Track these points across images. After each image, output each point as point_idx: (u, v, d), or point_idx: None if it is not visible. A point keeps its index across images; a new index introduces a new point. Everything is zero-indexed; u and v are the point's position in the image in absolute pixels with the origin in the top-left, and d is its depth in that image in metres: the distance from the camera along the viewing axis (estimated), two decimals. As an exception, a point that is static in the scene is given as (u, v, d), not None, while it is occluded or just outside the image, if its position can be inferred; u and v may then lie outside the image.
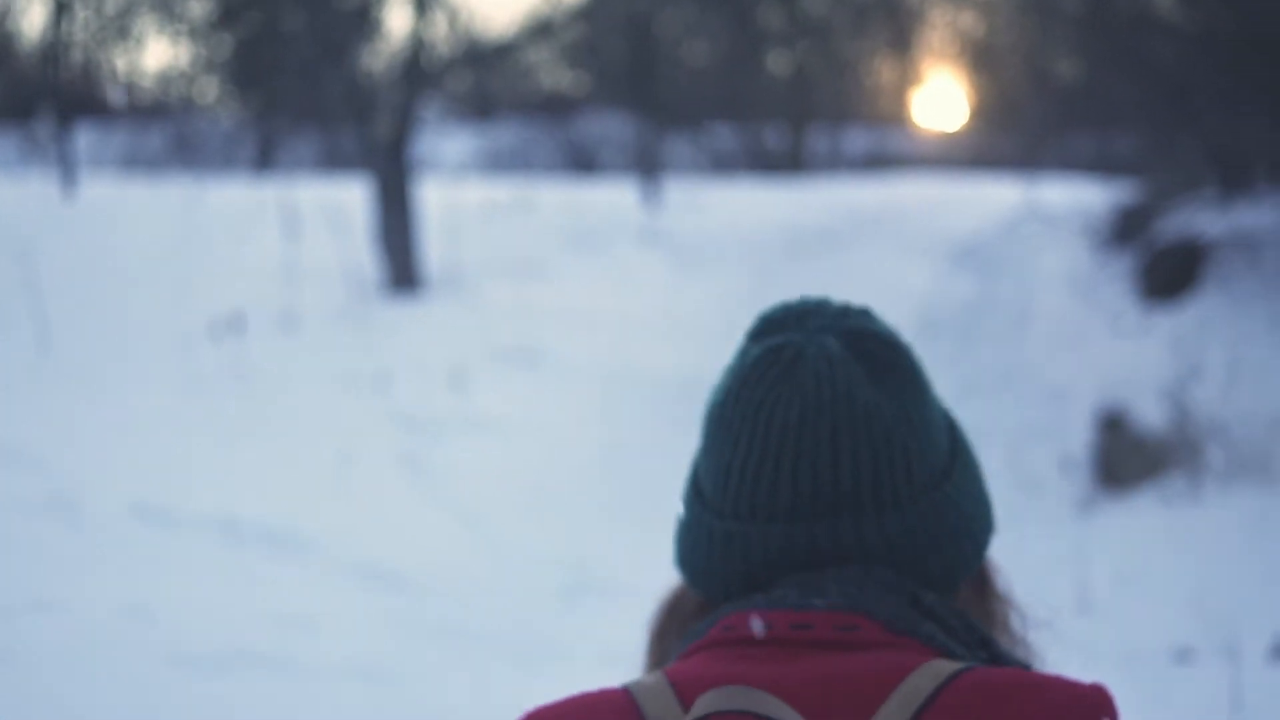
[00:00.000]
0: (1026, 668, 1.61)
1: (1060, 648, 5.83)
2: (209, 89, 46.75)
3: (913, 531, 1.58)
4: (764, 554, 1.58)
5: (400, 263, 14.80)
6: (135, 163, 34.30)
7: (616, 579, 8.33)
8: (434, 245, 15.57)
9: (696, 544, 1.66)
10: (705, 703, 1.44)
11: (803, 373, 1.59)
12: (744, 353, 1.67)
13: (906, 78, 56.96)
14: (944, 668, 1.47)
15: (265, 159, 37.83)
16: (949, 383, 14.53)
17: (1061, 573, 8.69)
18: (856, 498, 1.56)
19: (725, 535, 1.61)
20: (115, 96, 36.97)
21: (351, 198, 19.38)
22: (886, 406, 1.60)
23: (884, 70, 56.20)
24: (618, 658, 6.20)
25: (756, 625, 1.52)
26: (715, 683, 1.47)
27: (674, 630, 1.71)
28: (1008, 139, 46.48)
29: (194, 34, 43.61)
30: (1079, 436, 12.43)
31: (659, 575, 5.51)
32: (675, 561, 1.73)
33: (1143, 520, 9.26)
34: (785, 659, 1.50)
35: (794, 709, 1.43)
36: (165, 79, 46.30)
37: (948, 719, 1.42)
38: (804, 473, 1.56)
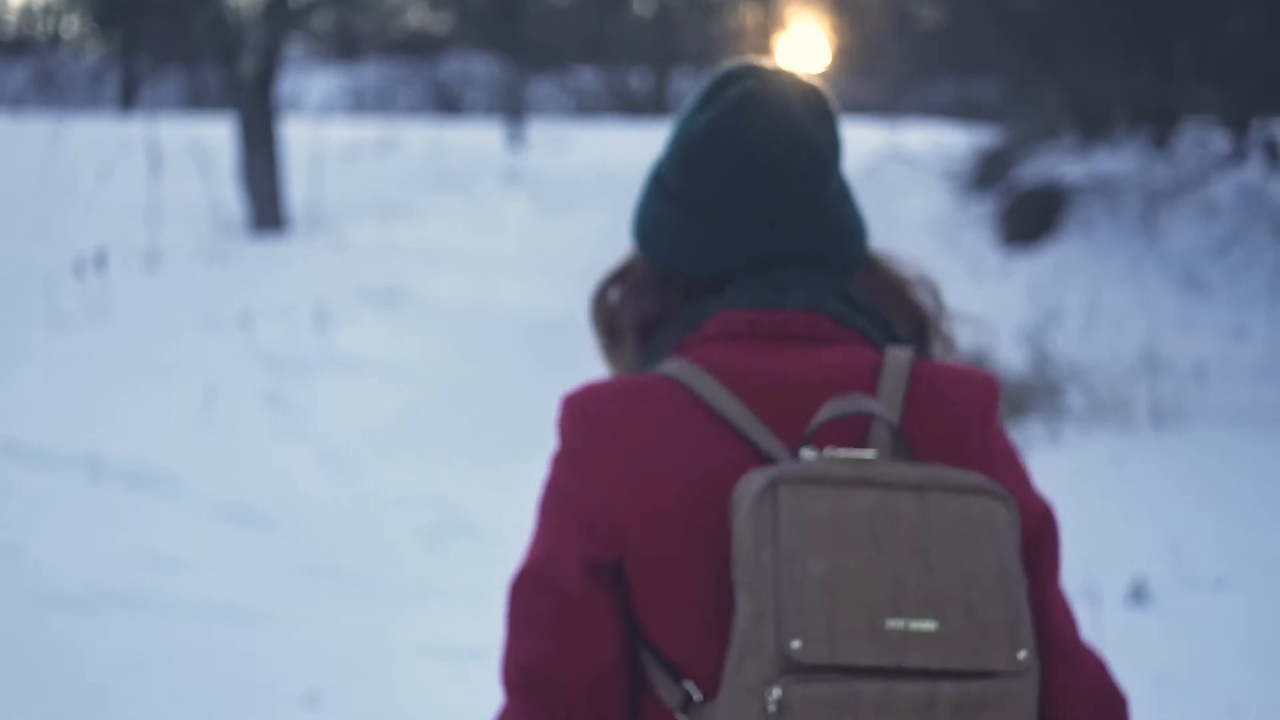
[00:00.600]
0: (928, 356, 2.17)
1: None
2: (72, 25, 46.12)
3: (830, 234, 2.13)
4: (730, 250, 2.06)
5: (264, 202, 14.69)
6: (-4, 99, 33.83)
7: (481, 520, 8.35)
8: (298, 185, 15.48)
9: (662, 233, 2.12)
10: (828, 410, 1.86)
11: (773, 111, 2.05)
12: (718, 94, 2.11)
13: (769, 21, 57.20)
14: (899, 360, 1.99)
15: (129, 97, 37.36)
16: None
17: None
18: (801, 209, 2.07)
19: (695, 230, 2.07)
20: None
21: (216, 136, 19.20)
22: (824, 141, 2.10)
23: (747, 13, 56.39)
24: (485, 600, 6.19)
25: (761, 322, 2.00)
26: (750, 369, 1.95)
27: (653, 302, 2.16)
28: (870, 83, 46.79)
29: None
30: (940, 379, 12.58)
31: (523, 517, 5.49)
32: (638, 241, 2.19)
33: None
34: (781, 352, 1.98)
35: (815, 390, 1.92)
36: (28, 14, 45.64)
37: (921, 402, 1.96)
38: (769, 186, 2.04)
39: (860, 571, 1.76)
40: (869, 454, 1.87)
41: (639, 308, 2.20)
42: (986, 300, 14.49)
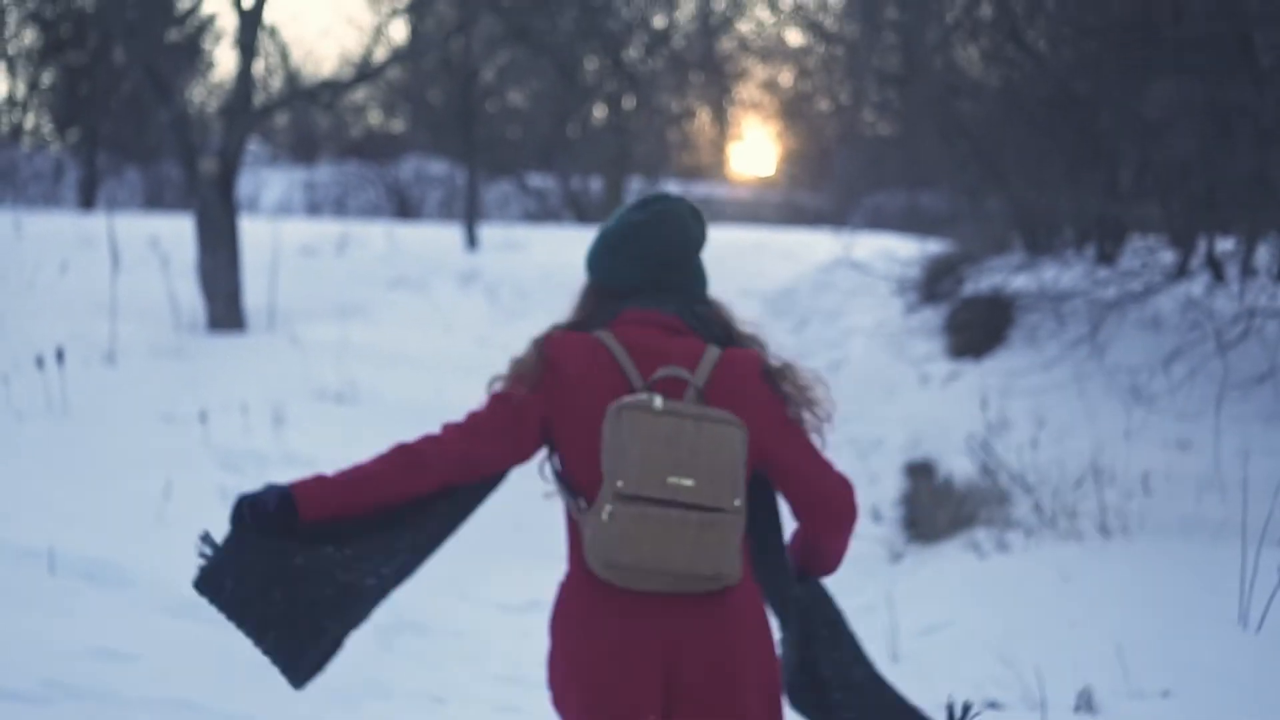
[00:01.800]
0: (751, 347, 3.94)
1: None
2: (33, 121, 46.04)
3: (689, 279, 3.95)
4: (637, 279, 3.91)
5: (222, 300, 14.77)
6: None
7: (432, 619, 8.37)
8: (256, 283, 15.54)
9: (603, 267, 4.00)
10: (661, 371, 3.75)
11: (670, 217, 3.95)
12: (632, 214, 4.00)
13: (723, 130, 57.39)
14: (713, 349, 3.83)
15: (89, 194, 37.30)
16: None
17: (871, 621, 8.81)
18: (677, 263, 3.93)
19: (619, 268, 3.96)
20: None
21: (175, 233, 19.26)
22: (694, 236, 3.97)
23: (701, 122, 56.59)
24: (439, 697, 6.25)
25: (648, 317, 3.86)
26: (647, 345, 3.80)
27: (592, 302, 4.01)
28: (821, 193, 47.03)
29: (20, 64, 42.96)
30: (889, 486, 12.64)
31: (475, 617, 5.58)
32: (590, 268, 4.06)
33: (951, 570, 9.38)
34: (663, 337, 3.80)
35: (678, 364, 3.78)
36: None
37: (724, 375, 3.77)
38: (661, 255, 3.90)
39: (658, 454, 3.62)
40: (679, 402, 3.72)
41: (585, 300, 4.10)
42: (935, 409, 14.65)
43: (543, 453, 3.97)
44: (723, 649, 3.80)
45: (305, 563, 3.92)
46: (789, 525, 4.23)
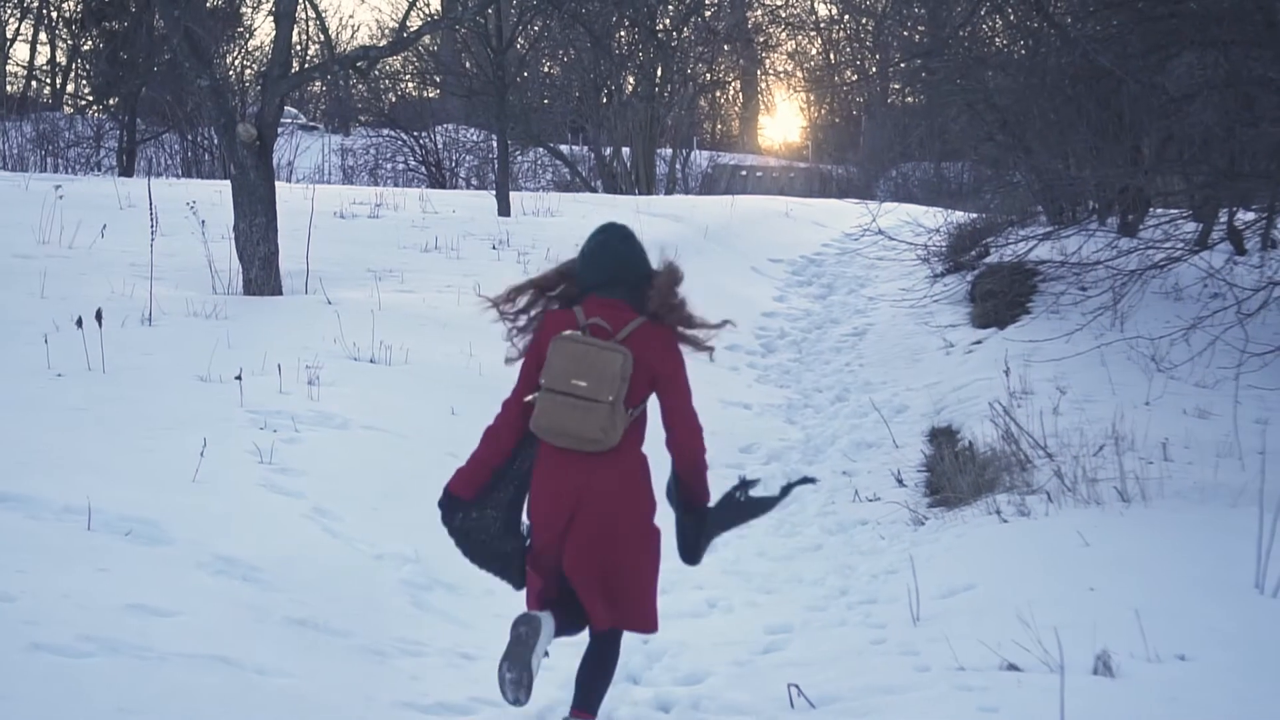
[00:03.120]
0: (679, 323, 6.65)
1: (891, 657, 6.26)
2: (74, 86, 46.16)
3: (633, 276, 6.65)
4: (595, 280, 6.61)
5: (259, 263, 14.89)
6: (-2, 158, 33.96)
7: (463, 578, 8.46)
8: (292, 247, 15.65)
9: (578, 268, 6.71)
10: (588, 322, 6.52)
11: (609, 243, 6.72)
12: (588, 242, 6.73)
13: (753, 100, 57.30)
14: (639, 319, 6.52)
15: (128, 158, 37.38)
16: (788, 394, 14.78)
17: (895, 584, 8.94)
18: (625, 268, 6.66)
19: (586, 270, 6.66)
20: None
21: (212, 198, 19.36)
22: (626, 253, 6.73)
23: (731, 92, 56.51)
24: (468, 654, 6.42)
25: (603, 300, 6.58)
26: (593, 310, 6.53)
27: (557, 284, 6.74)
28: (848, 162, 46.99)
29: (61, 31, 43.05)
30: (913, 451, 12.75)
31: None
32: (578, 266, 6.71)
33: (973, 534, 9.42)
34: (608, 311, 6.52)
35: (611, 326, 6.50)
36: (31, 74, 45.72)
37: (640, 333, 6.49)
38: (614, 260, 6.67)
39: (569, 365, 6.32)
40: (588, 336, 6.45)
41: (566, 284, 6.73)
42: (959, 375, 14.74)
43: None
44: (606, 491, 6.50)
45: (471, 522, 6.82)
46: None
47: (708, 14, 39.89)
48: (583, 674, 6.73)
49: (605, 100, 42.46)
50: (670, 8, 35.22)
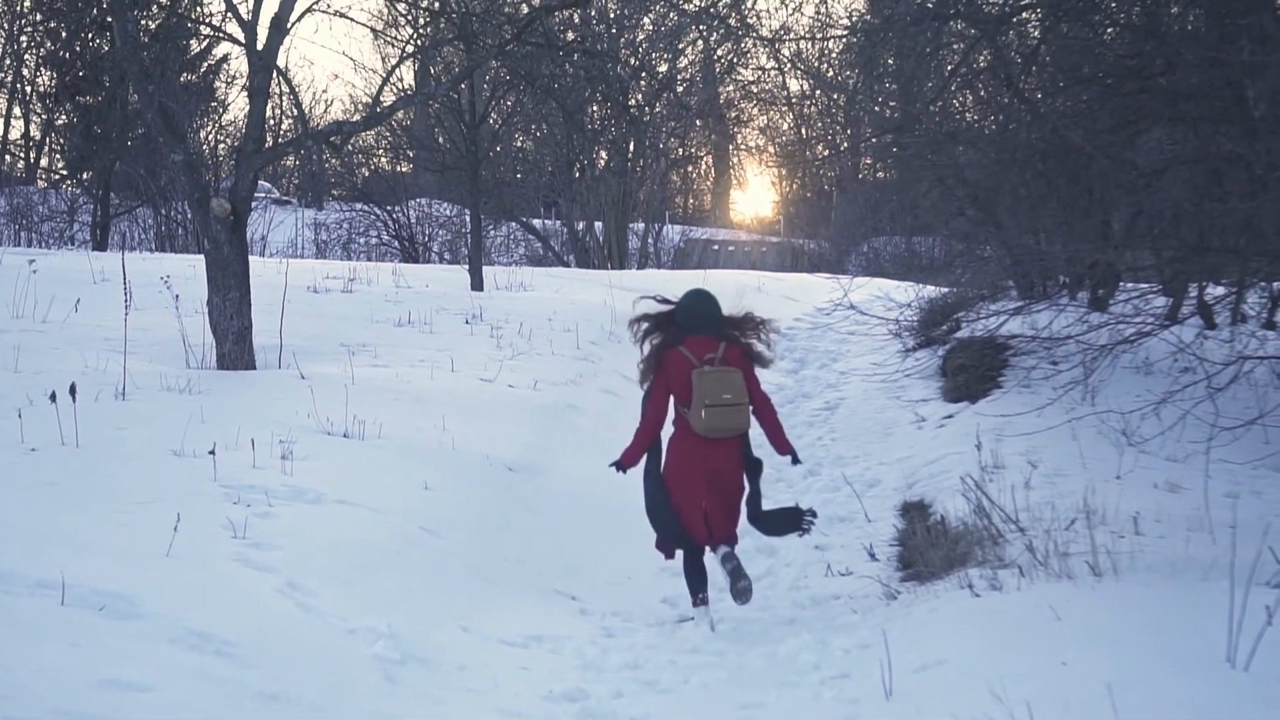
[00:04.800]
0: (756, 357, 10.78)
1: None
2: (48, 160, 46.22)
3: (716, 321, 10.57)
4: (694, 326, 10.49)
5: (232, 337, 14.91)
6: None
7: (435, 652, 8.46)
8: (266, 322, 15.67)
9: (680, 317, 10.58)
10: (705, 357, 10.44)
11: (705, 296, 10.72)
12: (688, 300, 10.70)
13: (724, 175, 57.53)
14: (723, 345, 10.46)
15: (102, 232, 37.43)
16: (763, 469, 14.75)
17: (867, 659, 8.92)
18: (709, 318, 10.53)
19: (685, 319, 10.56)
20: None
21: (186, 272, 19.37)
22: (713, 307, 10.63)
23: (703, 167, 56.74)
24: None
25: (698, 339, 10.50)
26: (695, 347, 10.43)
27: (661, 329, 10.62)
28: (820, 237, 47.16)
29: (36, 105, 43.08)
30: (885, 526, 12.77)
31: (476, 649, 5.76)
32: (676, 315, 10.61)
33: (946, 608, 9.41)
34: (705, 345, 10.42)
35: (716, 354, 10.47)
36: (5, 151, 45.77)
37: (728, 354, 10.46)
38: (705, 313, 10.55)
39: (716, 387, 10.24)
40: (713, 366, 10.38)
41: (661, 330, 10.62)
42: (930, 449, 14.77)
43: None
44: (735, 461, 10.51)
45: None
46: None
47: (680, 89, 40.12)
48: (732, 568, 10.26)
49: (578, 175, 42.65)
50: (643, 83, 35.41)
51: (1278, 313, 17.26)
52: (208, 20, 28.85)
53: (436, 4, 19.28)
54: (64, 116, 43.79)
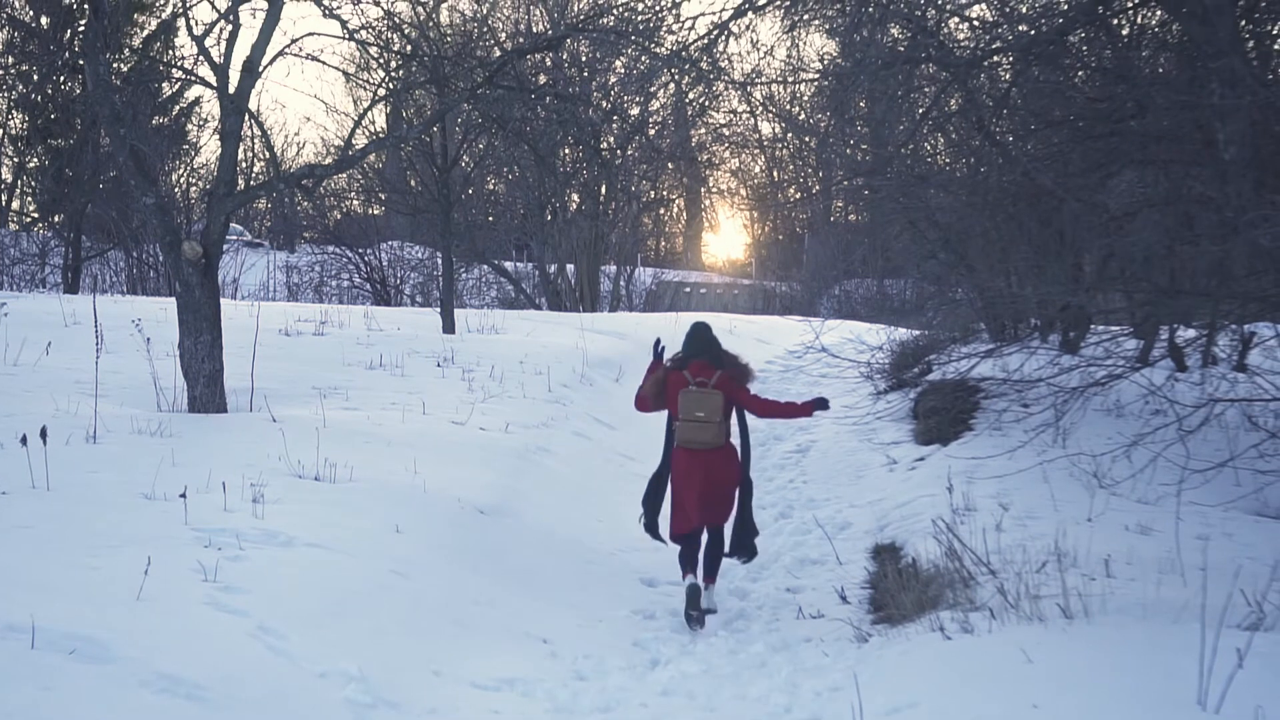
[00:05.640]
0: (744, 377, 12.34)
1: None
2: (19, 203, 46.14)
3: (713, 349, 12.23)
4: (693, 353, 12.17)
5: (204, 380, 14.88)
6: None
7: (406, 696, 8.43)
8: (237, 364, 15.65)
9: (683, 349, 12.31)
10: (696, 379, 12.11)
11: (704, 328, 12.42)
12: (691, 331, 12.38)
13: (696, 218, 57.63)
14: (718, 371, 12.08)
15: (74, 275, 37.38)
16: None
17: (839, 701, 8.93)
18: (707, 346, 12.21)
19: (687, 348, 12.26)
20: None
21: (157, 315, 19.33)
22: (710, 336, 12.34)
23: (675, 210, 56.83)
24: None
25: (699, 363, 12.11)
26: (697, 371, 12.07)
27: (679, 357, 12.26)
28: (792, 280, 47.24)
29: (7, 148, 43.03)
30: (857, 569, 12.78)
31: (447, 693, 5.73)
32: (684, 347, 12.29)
33: (917, 651, 9.42)
34: (703, 369, 12.06)
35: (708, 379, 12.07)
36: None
37: (722, 379, 12.02)
38: (702, 341, 12.23)
39: (692, 405, 11.90)
40: (700, 388, 12.02)
41: (674, 357, 12.33)
42: (901, 492, 14.78)
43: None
44: (719, 469, 11.98)
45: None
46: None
47: (651, 132, 40.22)
48: (706, 559, 12.13)
49: (550, 217, 42.70)
50: (614, 126, 35.50)
51: (1248, 355, 17.32)
52: (180, 64, 28.93)
53: (409, 48, 19.33)
54: (35, 159, 43.71)
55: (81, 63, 15.17)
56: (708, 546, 12.16)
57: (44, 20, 38.42)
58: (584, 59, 34.19)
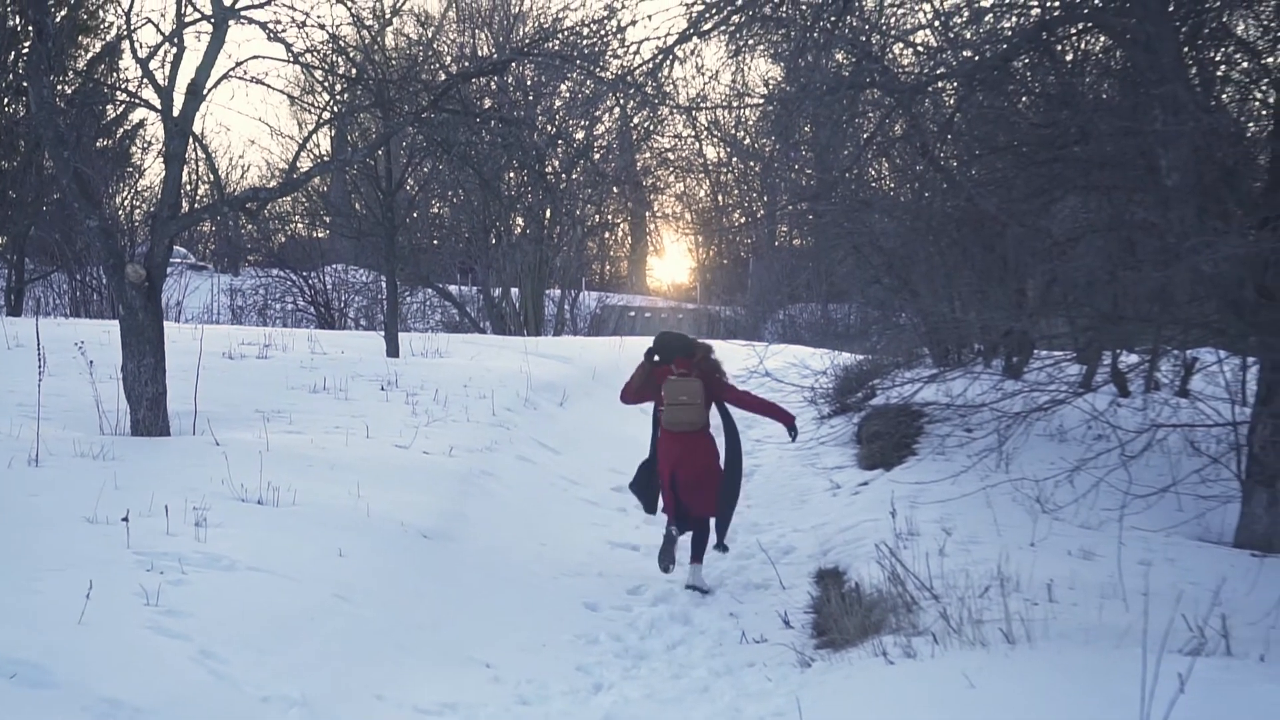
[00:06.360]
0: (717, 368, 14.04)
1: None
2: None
3: (688, 351, 13.85)
4: (670, 356, 13.77)
5: (147, 404, 14.81)
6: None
7: (349, 720, 8.41)
8: (181, 388, 15.58)
9: (661, 354, 13.88)
10: (679, 371, 13.85)
11: (674, 336, 14.10)
12: (662, 338, 14.12)
13: (641, 242, 57.66)
14: (696, 367, 13.80)
15: (16, 297, 37.16)
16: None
17: (781, 726, 8.96)
18: (682, 349, 13.84)
19: (665, 354, 13.83)
20: None
21: (100, 338, 19.23)
22: (684, 341, 13.98)
23: (620, 234, 56.85)
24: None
25: (679, 360, 13.76)
26: (680, 366, 13.71)
27: (650, 359, 13.90)
28: (736, 304, 47.31)
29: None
30: (799, 593, 12.78)
31: (391, 716, 5.71)
32: (655, 351, 14.01)
33: (860, 676, 9.43)
34: (683, 364, 13.73)
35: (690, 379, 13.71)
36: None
37: (700, 370, 13.69)
38: (675, 346, 13.86)
39: (677, 390, 13.55)
40: (682, 376, 13.71)
41: (649, 362, 13.91)
42: (844, 517, 14.80)
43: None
44: (700, 450, 13.59)
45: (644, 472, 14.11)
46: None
47: (596, 157, 40.26)
48: (692, 543, 13.70)
49: (494, 241, 42.68)
50: (559, 150, 35.51)
51: (1191, 380, 17.43)
52: (124, 86, 28.80)
53: (353, 71, 19.30)
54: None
55: (25, 85, 15.08)
56: (694, 534, 13.84)
57: (-13, 42, 38.21)
58: (529, 83, 34.22)
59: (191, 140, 16.23)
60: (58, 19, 19.23)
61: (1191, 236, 11.16)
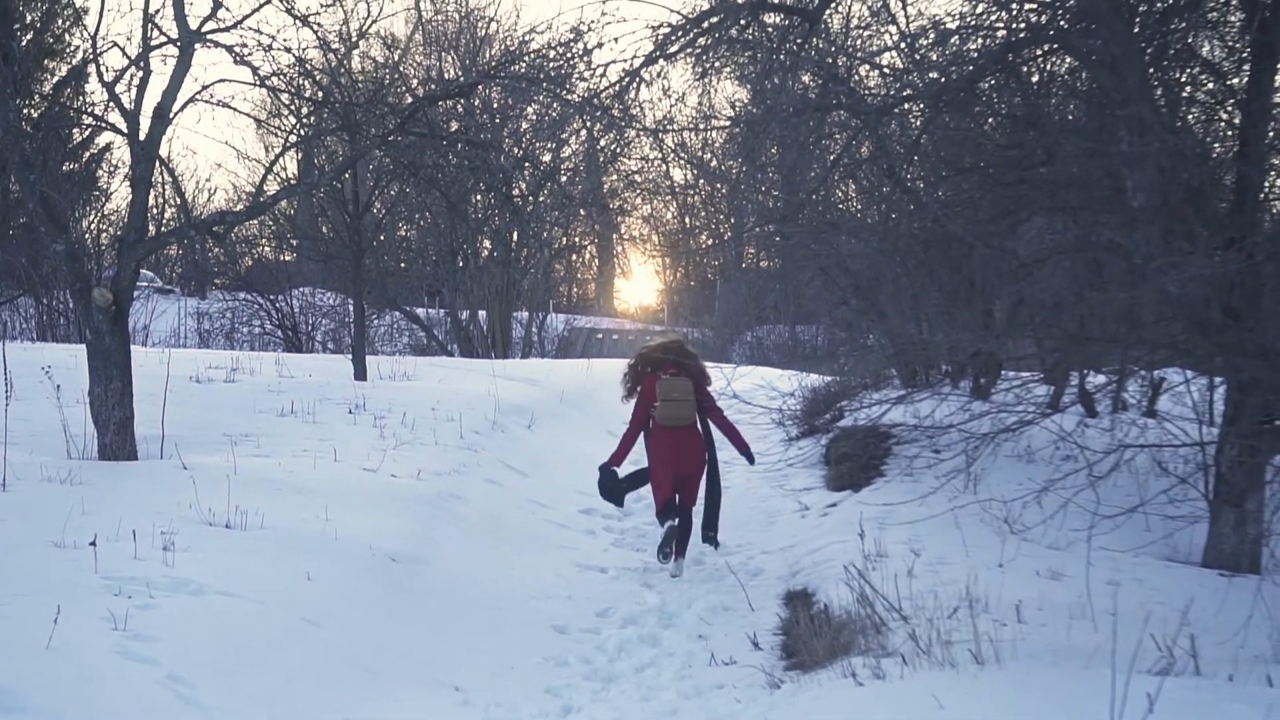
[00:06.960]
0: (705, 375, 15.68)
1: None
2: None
3: (681, 356, 15.50)
4: (663, 361, 15.42)
5: (114, 428, 14.76)
6: None
7: (320, 746, 8.39)
8: (148, 412, 15.54)
9: (654, 360, 15.62)
10: (668, 374, 15.49)
11: (674, 342, 15.76)
12: (653, 344, 16.03)
13: (608, 264, 57.68)
14: (687, 373, 15.47)
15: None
16: (644, 558, 14.79)
17: (751, 747, 8.95)
18: (676, 354, 15.49)
19: (661, 358, 15.52)
20: None
21: (67, 362, 19.16)
22: (681, 347, 15.68)
23: (587, 256, 56.86)
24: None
25: (669, 365, 15.42)
26: (670, 369, 15.34)
27: (641, 366, 15.70)
28: (703, 326, 47.31)
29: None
30: (768, 615, 12.79)
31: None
32: (654, 359, 15.61)
33: (828, 698, 9.42)
34: (673, 369, 15.37)
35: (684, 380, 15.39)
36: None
37: (690, 372, 15.43)
38: (668, 353, 15.46)
39: (671, 389, 15.18)
40: (674, 377, 15.38)
41: (639, 369, 15.76)
42: (813, 538, 14.81)
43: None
44: (690, 442, 15.23)
45: (610, 476, 15.54)
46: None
47: (563, 179, 40.26)
48: (678, 539, 14.95)
49: (462, 264, 42.67)
50: (526, 173, 35.51)
51: (1158, 401, 17.49)
52: (90, 110, 28.70)
53: (320, 94, 19.28)
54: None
55: (-10, 108, 15.01)
56: (680, 530, 15.07)
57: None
58: (496, 106, 34.22)
59: (158, 164, 16.19)
60: (24, 43, 19.18)
61: (1158, 257, 11.19)
